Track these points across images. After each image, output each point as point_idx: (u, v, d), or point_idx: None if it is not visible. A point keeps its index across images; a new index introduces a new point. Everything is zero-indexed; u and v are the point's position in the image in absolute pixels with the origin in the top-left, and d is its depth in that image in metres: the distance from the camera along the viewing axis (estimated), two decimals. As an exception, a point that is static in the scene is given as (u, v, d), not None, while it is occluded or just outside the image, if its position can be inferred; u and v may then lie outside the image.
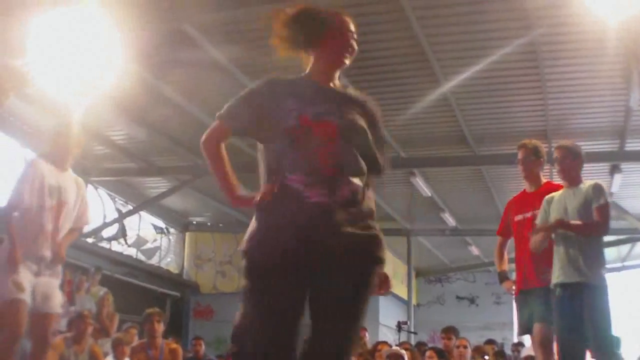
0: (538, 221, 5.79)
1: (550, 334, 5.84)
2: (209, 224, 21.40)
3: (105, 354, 9.27)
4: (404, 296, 22.05)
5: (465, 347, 9.87)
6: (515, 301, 6.34)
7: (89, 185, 14.54)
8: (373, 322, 18.06)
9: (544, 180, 6.42)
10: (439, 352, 9.99)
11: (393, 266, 22.11)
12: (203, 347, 12.63)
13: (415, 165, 14.54)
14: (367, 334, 12.31)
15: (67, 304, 10.22)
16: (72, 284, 10.45)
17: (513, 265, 6.54)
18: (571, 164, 5.79)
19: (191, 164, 14.91)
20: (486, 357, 10.51)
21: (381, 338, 17.76)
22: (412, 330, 17.34)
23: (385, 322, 19.79)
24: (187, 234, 21.58)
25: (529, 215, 6.17)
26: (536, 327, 5.90)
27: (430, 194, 16.28)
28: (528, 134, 11.79)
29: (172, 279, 20.61)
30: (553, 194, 5.98)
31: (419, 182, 15.30)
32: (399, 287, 22.25)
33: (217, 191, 16.80)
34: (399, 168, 14.71)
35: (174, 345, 8.49)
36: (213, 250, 21.46)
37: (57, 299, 5.64)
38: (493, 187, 15.85)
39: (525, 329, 6.20)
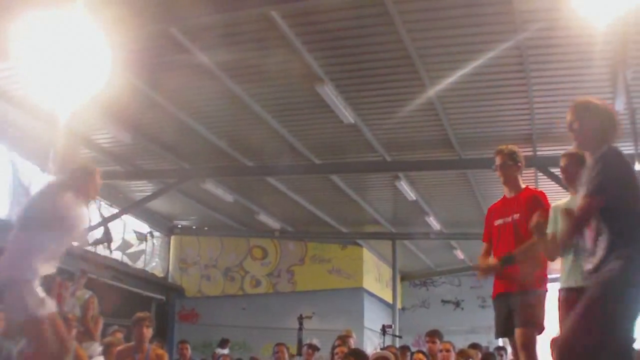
0: (549, 230, 5.74)
1: (534, 338, 5.88)
2: (194, 227, 21.39)
3: (90, 357, 9.23)
4: (389, 300, 22.10)
5: (448, 350, 9.87)
6: (493, 304, 6.36)
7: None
8: (358, 325, 18.09)
9: (523, 185, 6.43)
10: (425, 355, 10.01)
11: (378, 270, 22.19)
12: (189, 350, 12.60)
13: (401, 168, 14.57)
14: (352, 338, 12.32)
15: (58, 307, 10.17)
16: (62, 287, 10.39)
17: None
18: (577, 171, 5.78)
19: (176, 167, 14.89)
20: (471, 361, 10.51)
21: (366, 342, 17.84)
22: (397, 334, 17.37)
23: (370, 325, 19.83)
24: (172, 237, 21.57)
25: (509, 220, 6.19)
26: (518, 331, 5.92)
27: (415, 198, 16.33)
28: (514, 138, 11.88)
29: (157, 282, 20.59)
30: (558, 202, 6.00)
31: (404, 186, 15.35)
32: (383, 291, 22.31)
33: (202, 194, 16.94)
34: (383, 172, 14.77)
35: (160, 351, 8.44)
36: (198, 254, 21.46)
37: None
38: (478, 191, 15.90)
39: (501, 332, 6.26)
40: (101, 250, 17.43)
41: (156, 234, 20.81)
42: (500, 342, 14.23)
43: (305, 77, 10.62)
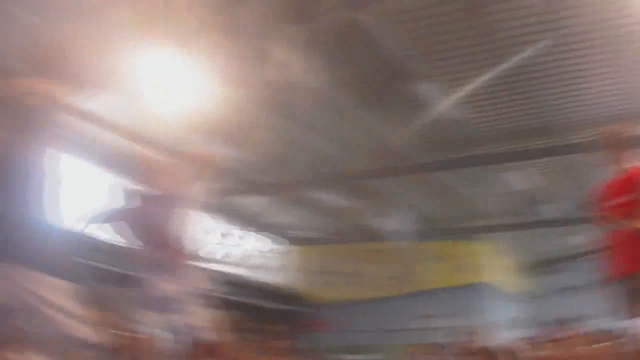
0: None
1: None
2: (314, 236, 21.51)
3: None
4: (515, 291, 21.72)
5: (581, 337, 9.73)
6: (613, 286, 6.21)
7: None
8: (483, 321, 17.85)
9: (630, 164, 6.25)
10: (555, 344, 9.90)
11: (501, 262, 21.86)
12: None
13: (507, 159, 14.36)
14: (479, 333, 12.23)
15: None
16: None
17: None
18: None
19: (291, 180, 15.08)
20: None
21: (492, 337, 17.60)
22: (526, 325, 17.06)
23: (496, 319, 19.53)
24: (295, 248, 21.80)
25: (621, 200, 6.06)
26: None
27: (526, 187, 16.04)
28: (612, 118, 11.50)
29: (283, 294, 20.80)
30: None
31: (514, 176, 15.12)
32: (509, 282, 21.95)
33: (318, 202, 17.01)
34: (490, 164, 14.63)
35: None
36: (321, 262, 21.55)
37: None
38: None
39: (632, 313, 6.12)
40: (225, 267, 17.87)
41: (277, 246, 21.06)
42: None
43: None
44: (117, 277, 5.92)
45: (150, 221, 5.80)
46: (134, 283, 5.68)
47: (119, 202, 6.11)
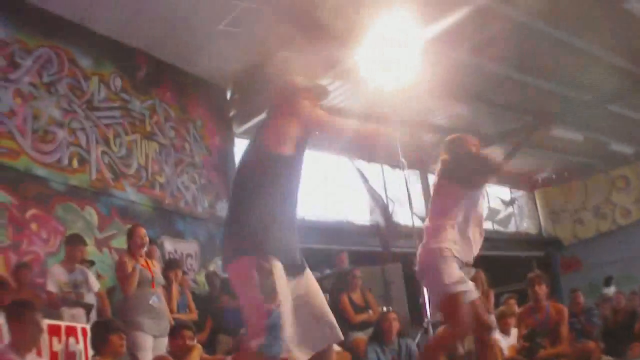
0: None
1: None
2: (553, 176, 20.93)
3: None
4: None
5: None
6: None
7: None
8: None
9: None
10: None
11: None
12: (581, 297, 12.20)
13: None
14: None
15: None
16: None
17: None
18: None
19: (521, 124, 14.71)
20: None
21: None
22: None
23: None
24: (536, 192, 21.41)
25: None
26: None
27: None
28: None
29: (532, 240, 20.71)
30: None
31: None
32: None
33: (552, 142, 16.60)
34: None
35: (559, 306, 8.31)
36: (565, 201, 21.05)
37: None
38: None
39: None
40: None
41: (519, 193, 20.68)
42: None
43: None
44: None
45: None
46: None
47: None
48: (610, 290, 15.08)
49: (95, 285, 8.09)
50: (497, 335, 8.97)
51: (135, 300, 7.28)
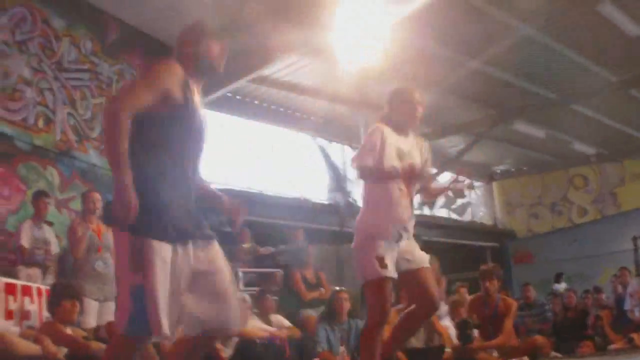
0: None
1: None
2: (512, 169, 21.22)
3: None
4: None
5: None
6: None
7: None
8: None
9: None
10: None
11: None
12: (532, 291, 12.47)
13: None
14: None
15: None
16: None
17: None
18: None
19: (484, 116, 14.87)
20: None
21: None
22: None
23: None
24: (494, 183, 21.69)
25: None
26: None
27: None
28: None
29: (487, 230, 20.91)
30: None
31: None
32: None
33: (514, 136, 16.83)
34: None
35: (510, 300, 8.53)
36: (521, 195, 21.35)
37: (421, 254, 5.03)
38: None
39: None
40: (427, 210, 17.94)
41: (477, 183, 20.94)
42: None
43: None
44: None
45: None
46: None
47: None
48: (561, 286, 15.32)
49: (55, 245, 8.17)
50: (447, 322, 9.21)
51: (80, 265, 7.42)
